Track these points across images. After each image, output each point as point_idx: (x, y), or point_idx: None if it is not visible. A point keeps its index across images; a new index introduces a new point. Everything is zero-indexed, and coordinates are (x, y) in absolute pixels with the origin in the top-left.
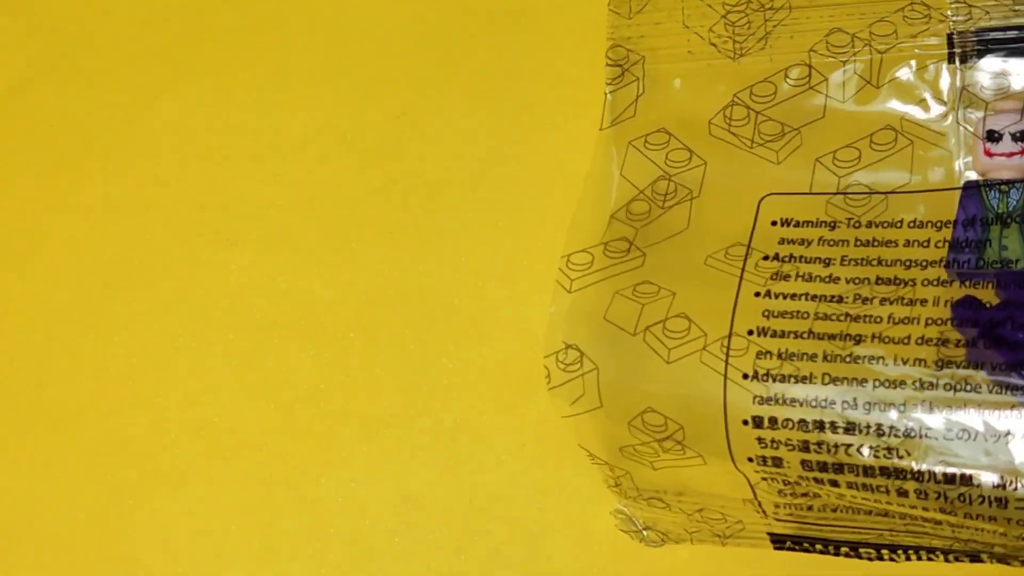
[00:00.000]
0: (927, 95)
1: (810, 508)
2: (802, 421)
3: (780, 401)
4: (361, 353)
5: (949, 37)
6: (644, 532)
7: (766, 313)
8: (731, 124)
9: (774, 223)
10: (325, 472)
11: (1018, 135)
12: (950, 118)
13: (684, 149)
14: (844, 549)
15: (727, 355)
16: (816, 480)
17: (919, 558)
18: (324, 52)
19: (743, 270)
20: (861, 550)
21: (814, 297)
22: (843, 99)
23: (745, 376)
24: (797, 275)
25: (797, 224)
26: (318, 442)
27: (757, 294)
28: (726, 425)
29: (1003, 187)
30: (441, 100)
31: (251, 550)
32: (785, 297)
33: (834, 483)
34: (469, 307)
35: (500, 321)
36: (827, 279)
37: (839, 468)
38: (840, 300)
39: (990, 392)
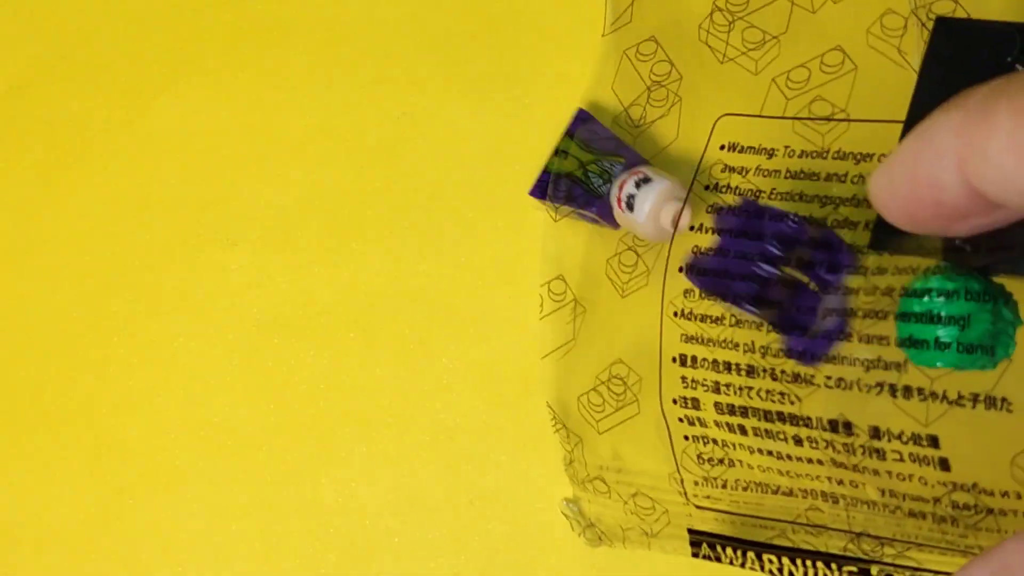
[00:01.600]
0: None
1: (724, 485)
2: (715, 361)
3: (700, 340)
4: (361, 353)
5: None
6: (586, 530)
7: (695, 249)
8: (710, 33)
9: (722, 147)
10: (325, 472)
11: None
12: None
13: (667, 61)
14: (751, 555)
15: (663, 291)
16: (728, 427)
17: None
18: (324, 52)
19: (685, 201)
20: (765, 556)
21: (740, 232)
22: (812, 9)
23: (675, 314)
24: (728, 210)
25: (741, 150)
26: (318, 442)
27: (691, 228)
28: (660, 362)
29: None
30: (441, 100)
31: (251, 550)
32: (712, 231)
33: (742, 429)
34: (469, 307)
35: (500, 321)
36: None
37: (744, 411)
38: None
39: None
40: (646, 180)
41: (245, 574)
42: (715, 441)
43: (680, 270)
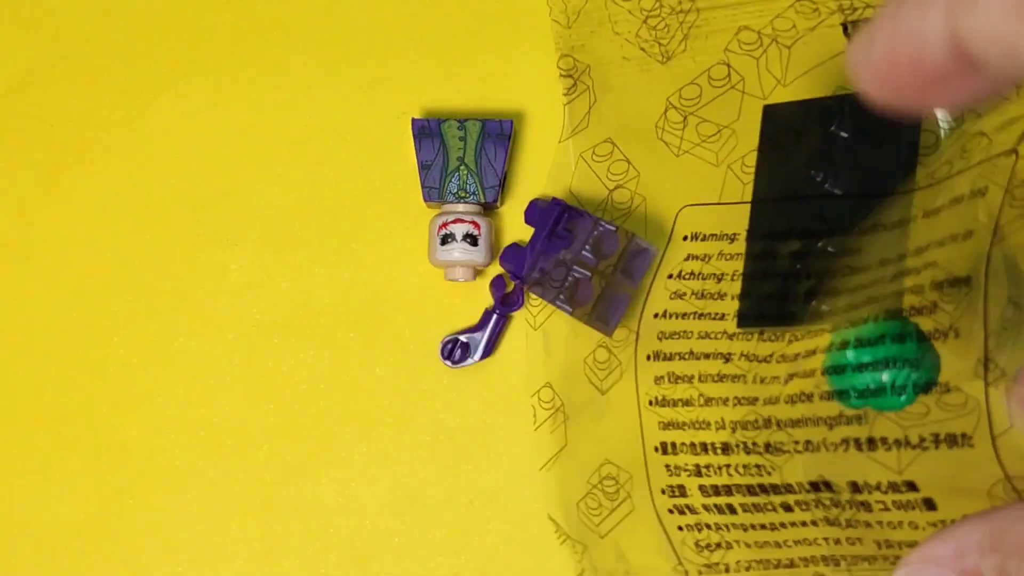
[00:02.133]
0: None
1: (727, 569)
2: (692, 444)
3: (676, 425)
4: (361, 353)
5: (844, 27)
6: None
7: (660, 335)
8: (664, 130)
9: (685, 238)
10: (325, 472)
11: None
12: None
13: (624, 160)
14: None
15: (636, 382)
16: (717, 509)
17: None
18: (324, 52)
19: (649, 291)
20: None
21: (699, 315)
22: (763, 96)
23: (651, 402)
24: (691, 293)
25: (704, 238)
26: (318, 442)
27: (656, 315)
28: (644, 453)
29: None
30: (441, 100)
31: (251, 550)
32: (676, 316)
33: (730, 508)
34: (469, 307)
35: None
36: (716, 296)
37: (728, 490)
38: (723, 318)
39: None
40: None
41: (245, 574)
42: (708, 526)
43: (501, 257)
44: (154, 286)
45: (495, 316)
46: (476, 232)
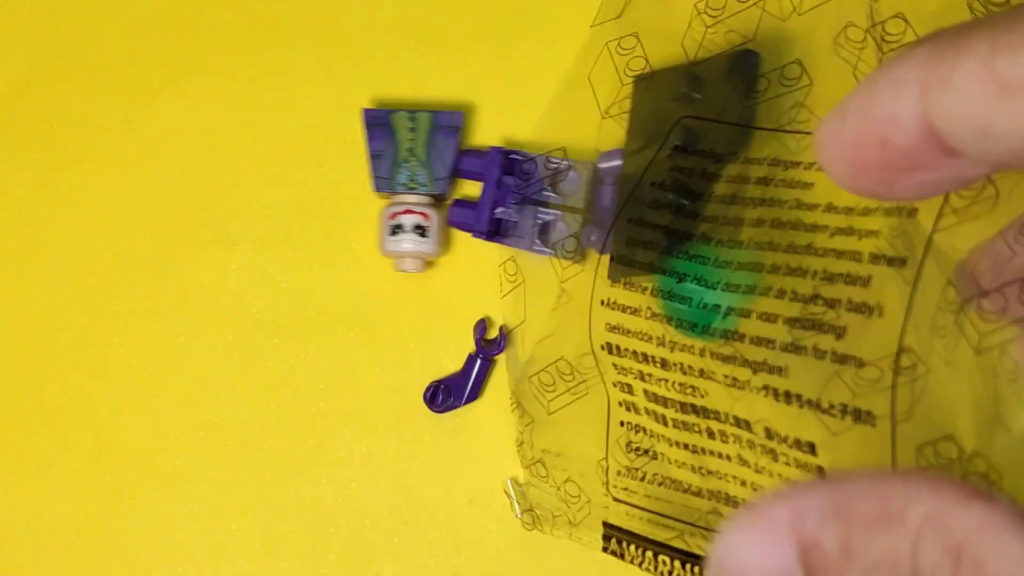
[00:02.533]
0: None
1: (643, 477)
2: (634, 352)
3: (620, 330)
4: (361, 353)
5: None
6: (524, 513)
7: (628, 241)
8: (686, 36)
9: (676, 148)
10: (325, 472)
11: None
12: None
13: (643, 58)
14: (648, 554)
15: (595, 278)
16: (654, 416)
17: None
18: (324, 52)
19: (630, 196)
20: (660, 556)
21: (665, 231)
22: (781, 17)
23: (602, 302)
24: (665, 205)
25: (692, 152)
26: (318, 442)
27: (629, 220)
28: (592, 348)
29: None
30: (440, 100)
31: (251, 550)
32: (646, 227)
33: (664, 420)
34: (469, 307)
35: (500, 320)
36: (689, 214)
37: (664, 401)
38: (689, 238)
39: None
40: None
41: (245, 574)
42: (644, 430)
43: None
44: (154, 286)
45: (479, 361)
46: (426, 223)
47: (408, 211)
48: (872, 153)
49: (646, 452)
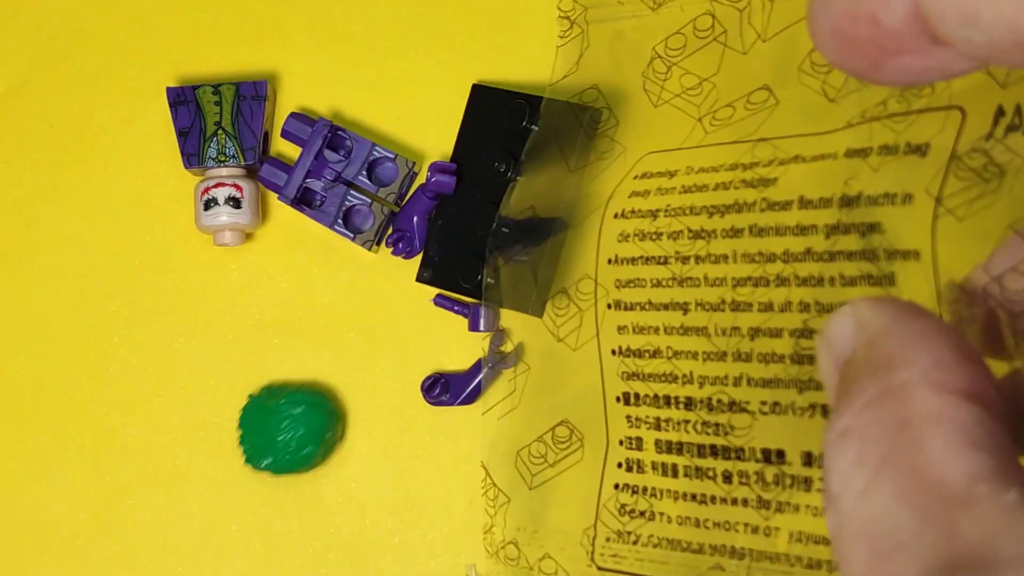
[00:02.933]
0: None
1: (636, 541)
2: (655, 396)
3: (640, 376)
4: (361, 353)
5: None
6: None
7: (617, 283)
8: (648, 79)
9: (635, 178)
10: (325, 472)
11: None
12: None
13: (607, 108)
14: None
15: (597, 330)
16: (663, 469)
17: None
18: (324, 52)
19: (600, 234)
20: None
21: (646, 260)
22: (743, 51)
23: (614, 352)
24: (633, 234)
25: (648, 176)
26: None
27: (609, 260)
28: (604, 403)
29: None
30: (441, 100)
31: (251, 550)
32: (627, 262)
33: (675, 470)
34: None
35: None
36: (653, 235)
37: (679, 448)
38: (665, 262)
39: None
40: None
41: (245, 574)
42: (644, 490)
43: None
44: (154, 286)
45: (486, 370)
46: (239, 195)
47: (220, 184)
48: (862, 29)
49: (642, 514)
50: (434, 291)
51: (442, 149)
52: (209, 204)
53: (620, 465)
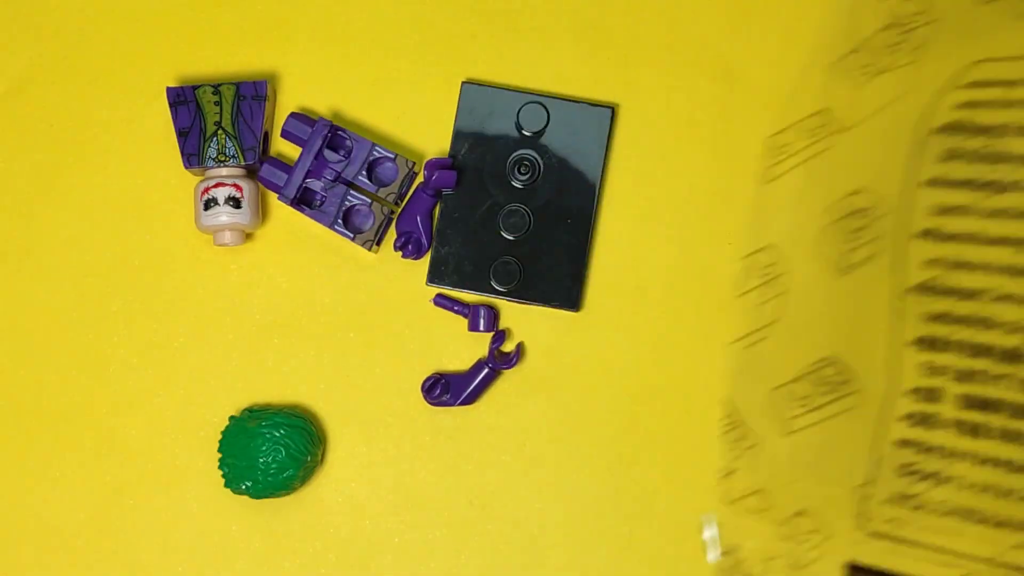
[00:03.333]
0: None
1: (920, 507)
2: (966, 344)
3: (951, 319)
4: (361, 353)
5: None
6: (722, 557)
7: (935, 209)
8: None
9: (962, 87)
10: (324, 472)
11: None
12: None
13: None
14: None
15: (893, 263)
16: (961, 428)
17: None
18: (323, 52)
19: (910, 142)
20: None
21: (982, 185)
22: None
23: (916, 288)
24: (970, 153)
25: (981, 85)
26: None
27: (926, 181)
28: (893, 346)
29: None
30: (441, 100)
31: (251, 550)
32: (952, 185)
33: (976, 431)
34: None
35: (500, 321)
36: (998, 158)
37: (989, 405)
38: (1008, 188)
39: None
40: None
41: (245, 574)
42: (933, 449)
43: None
44: (154, 286)
45: (487, 370)
46: (239, 195)
47: (220, 184)
48: None
49: (930, 476)
50: (433, 291)
51: (442, 149)
52: (209, 204)
53: (908, 418)
